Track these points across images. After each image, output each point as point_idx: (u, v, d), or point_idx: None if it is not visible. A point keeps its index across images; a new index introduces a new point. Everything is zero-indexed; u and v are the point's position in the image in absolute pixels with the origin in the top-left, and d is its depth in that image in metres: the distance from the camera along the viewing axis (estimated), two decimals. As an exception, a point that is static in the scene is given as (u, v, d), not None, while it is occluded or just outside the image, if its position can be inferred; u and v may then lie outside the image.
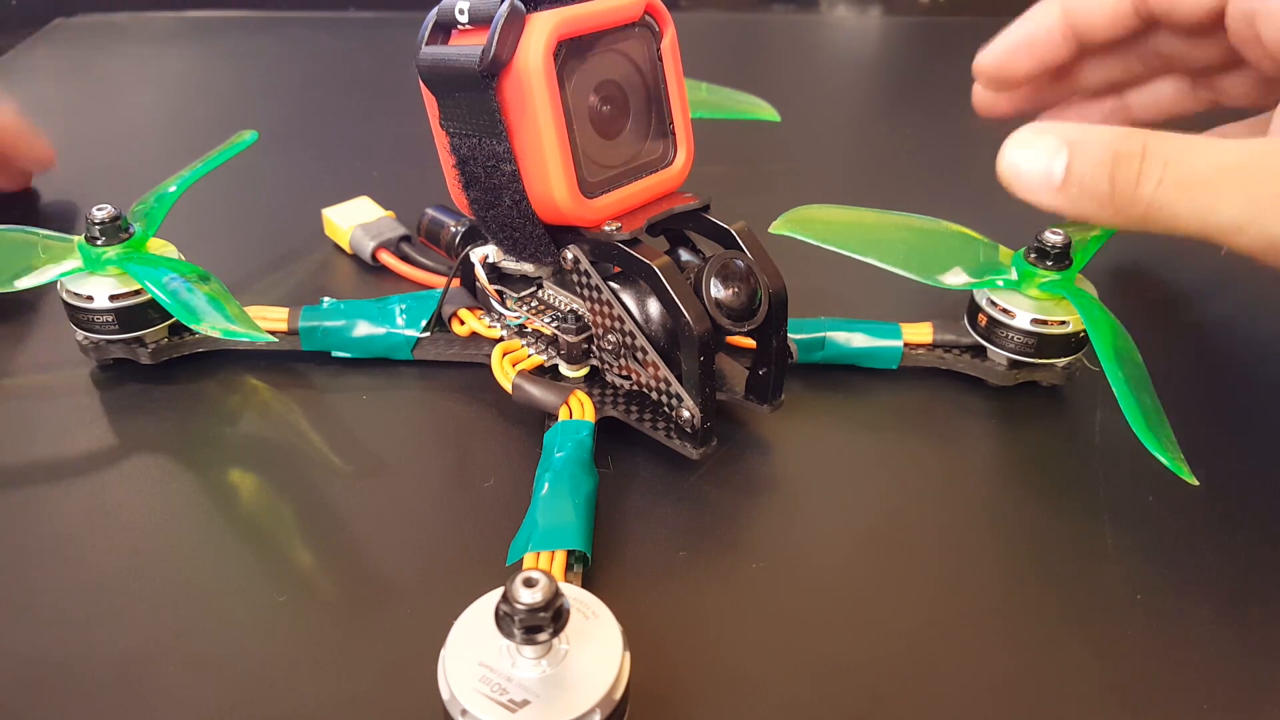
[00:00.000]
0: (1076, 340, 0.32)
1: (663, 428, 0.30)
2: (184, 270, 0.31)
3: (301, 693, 0.23)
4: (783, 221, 0.33)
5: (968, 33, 0.71)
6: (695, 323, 0.27)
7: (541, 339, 0.32)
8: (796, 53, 0.69)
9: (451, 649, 0.21)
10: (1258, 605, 0.26)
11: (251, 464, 0.30)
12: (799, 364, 0.34)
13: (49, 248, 0.32)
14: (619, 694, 0.21)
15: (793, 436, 0.32)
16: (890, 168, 0.52)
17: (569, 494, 0.27)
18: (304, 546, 0.28)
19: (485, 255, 0.33)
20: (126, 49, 0.65)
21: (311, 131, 0.54)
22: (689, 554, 0.27)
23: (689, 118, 0.30)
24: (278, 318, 0.34)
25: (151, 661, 0.24)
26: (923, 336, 0.34)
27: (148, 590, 0.26)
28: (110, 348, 0.33)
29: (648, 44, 0.29)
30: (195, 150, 0.38)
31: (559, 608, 0.20)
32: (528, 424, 0.32)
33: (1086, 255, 0.32)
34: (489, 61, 0.26)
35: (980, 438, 0.32)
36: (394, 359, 0.34)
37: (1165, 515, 0.29)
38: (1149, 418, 0.27)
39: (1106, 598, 0.26)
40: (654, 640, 0.25)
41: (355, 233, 0.40)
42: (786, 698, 0.24)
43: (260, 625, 0.25)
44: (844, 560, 0.28)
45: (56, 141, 0.46)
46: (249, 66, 0.63)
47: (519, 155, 0.28)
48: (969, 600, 0.26)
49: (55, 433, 0.31)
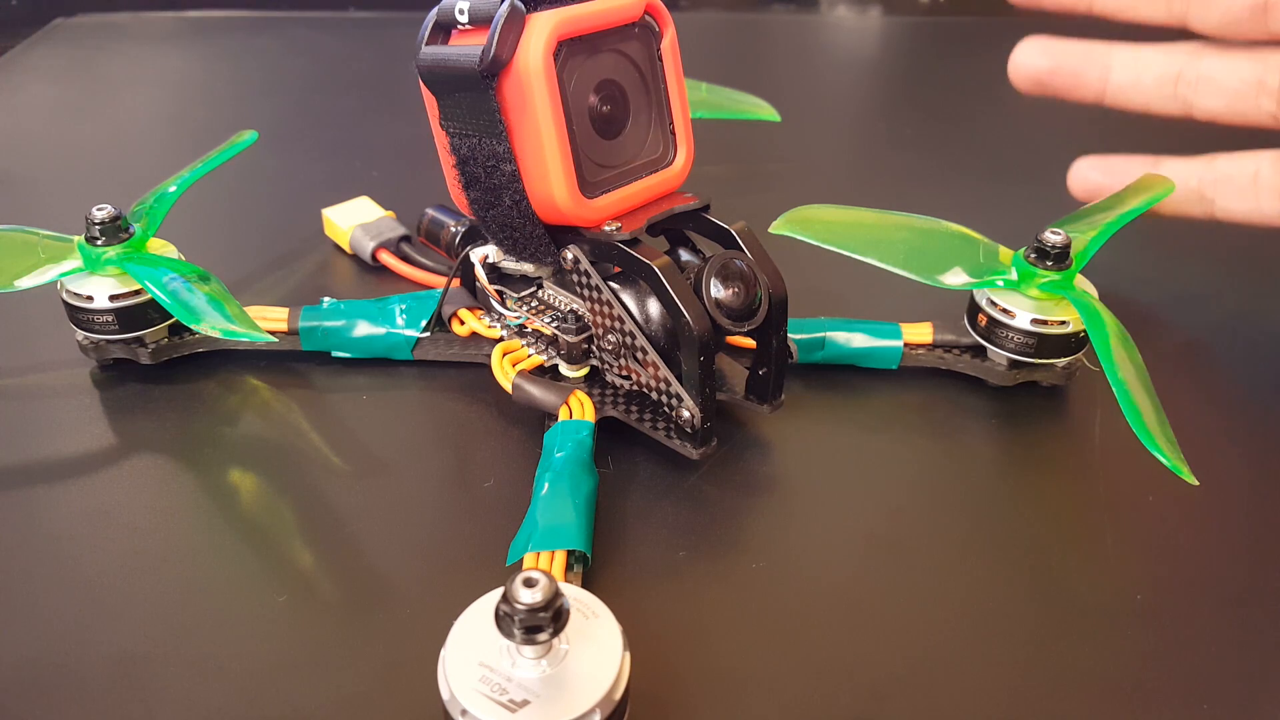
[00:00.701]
0: (1076, 340, 0.32)
1: (663, 428, 0.30)
2: (184, 270, 0.31)
3: (301, 693, 0.23)
4: (783, 221, 0.33)
5: (968, 33, 0.71)
6: (695, 323, 0.27)
7: (541, 339, 0.32)
8: (796, 53, 0.69)
9: (451, 649, 0.21)
10: (1258, 605, 0.26)
11: (251, 464, 0.30)
12: (799, 364, 0.34)
13: (49, 248, 0.32)
14: (619, 694, 0.21)
15: (793, 436, 0.32)
16: (890, 168, 0.52)
17: (569, 494, 0.27)
18: (304, 546, 0.28)
19: (485, 255, 0.33)
20: (126, 49, 0.65)
21: (311, 131, 0.54)
22: (689, 554, 0.27)
23: (689, 118, 0.30)
24: (278, 318, 0.34)
25: (151, 661, 0.24)
26: (923, 336, 0.34)
27: (148, 590, 0.26)
28: (110, 348, 0.33)
29: (648, 44, 0.29)
30: (195, 150, 0.38)
31: (559, 608, 0.20)
32: (528, 424, 0.32)
33: (1086, 255, 0.32)
34: (489, 61, 0.26)
35: (980, 438, 0.32)
36: (394, 359, 0.34)
37: (1165, 515, 0.29)
38: (1149, 418, 0.27)
39: (1106, 598, 0.26)
40: (654, 640, 0.25)
41: (355, 233, 0.40)
42: (786, 698, 0.24)
43: (260, 625, 0.25)
44: (844, 560, 0.28)
45: (57, 141, 0.46)
46: (249, 66, 0.63)
47: (519, 155, 0.28)
48: (969, 600, 0.26)
49: (55, 433, 0.31)
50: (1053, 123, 0.56)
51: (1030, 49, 0.41)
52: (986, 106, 0.58)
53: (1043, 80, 0.40)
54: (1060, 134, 0.54)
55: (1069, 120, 0.56)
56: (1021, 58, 0.41)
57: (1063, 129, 0.55)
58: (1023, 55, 0.41)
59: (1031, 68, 0.41)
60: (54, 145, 0.51)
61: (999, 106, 0.58)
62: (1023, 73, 0.41)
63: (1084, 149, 0.43)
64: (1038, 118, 0.57)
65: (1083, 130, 0.54)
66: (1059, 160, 0.51)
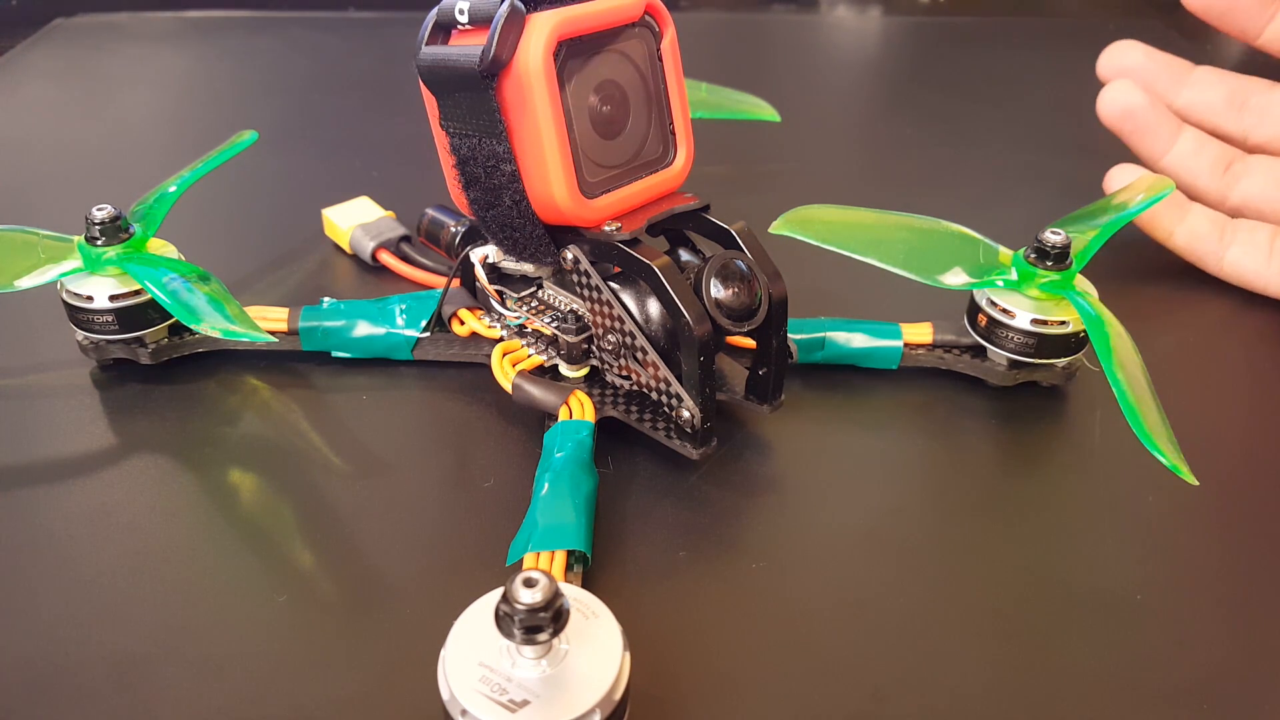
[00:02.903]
0: (1076, 340, 0.32)
1: (663, 428, 0.30)
2: (184, 270, 0.31)
3: (301, 693, 0.23)
4: (783, 221, 0.33)
5: (968, 33, 0.71)
6: (695, 323, 0.27)
7: (541, 339, 0.32)
8: (796, 53, 0.69)
9: (451, 649, 0.21)
10: (1258, 605, 0.26)
11: (251, 464, 0.30)
12: (799, 364, 0.34)
13: (49, 248, 0.32)
14: (619, 694, 0.21)
15: (793, 436, 0.32)
16: (890, 168, 0.52)
17: (569, 494, 0.27)
18: (304, 546, 0.28)
19: (485, 255, 0.33)
20: (126, 49, 0.65)
21: (311, 131, 0.54)
22: (689, 554, 0.27)
23: (689, 118, 0.30)
24: (278, 318, 0.34)
25: (151, 661, 0.24)
26: (923, 336, 0.34)
27: (148, 590, 0.26)
28: (110, 348, 0.33)
29: (648, 44, 0.29)
30: (195, 150, 0.38)
31: (559, 608, 0.20)
32: (528, 424, 0.32)
33: (1086, 255, 0.32)
34: (489, 62, 0.26)
35: (980, 438, 0.32)
36: (394, 359, 0.34)
37: (1165, 515, 0.29)
38: (1149, 418, 0.27)
39: (1106, 598, 0.26)
40: (654, 640, 0.25)
41: (355, 233, 0.40)
42: (786, 698, 0.24)
43: (260, 625, 0.25)
44: (844, 560, 0.28)
45: (56, 141, 0.46)
46: (249, 66, 0.63)
47: (519, 155, 0.28)
48: (969, 600, 0.26)
49: (55, 433, 0.31)
50: (1053, 123, 0.56)
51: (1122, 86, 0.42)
52: (986, 106, 0.58)
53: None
54: (1060, 134, 0.54)
55: (1069, 121, 0.56)
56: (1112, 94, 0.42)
57: (1063, 129, 0.55)
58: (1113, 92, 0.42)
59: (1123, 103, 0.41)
60: (54, 145, 0.51)
61: (999, 106, 0.58)
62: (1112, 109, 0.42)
63: (1084, 149, 0.43)
64: (1038, 118, 0.57)
65: (1083, 130, 0.54)
66: (1059, 160, 0.51)
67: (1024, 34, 0.71)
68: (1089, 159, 0.45)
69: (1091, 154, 0.46)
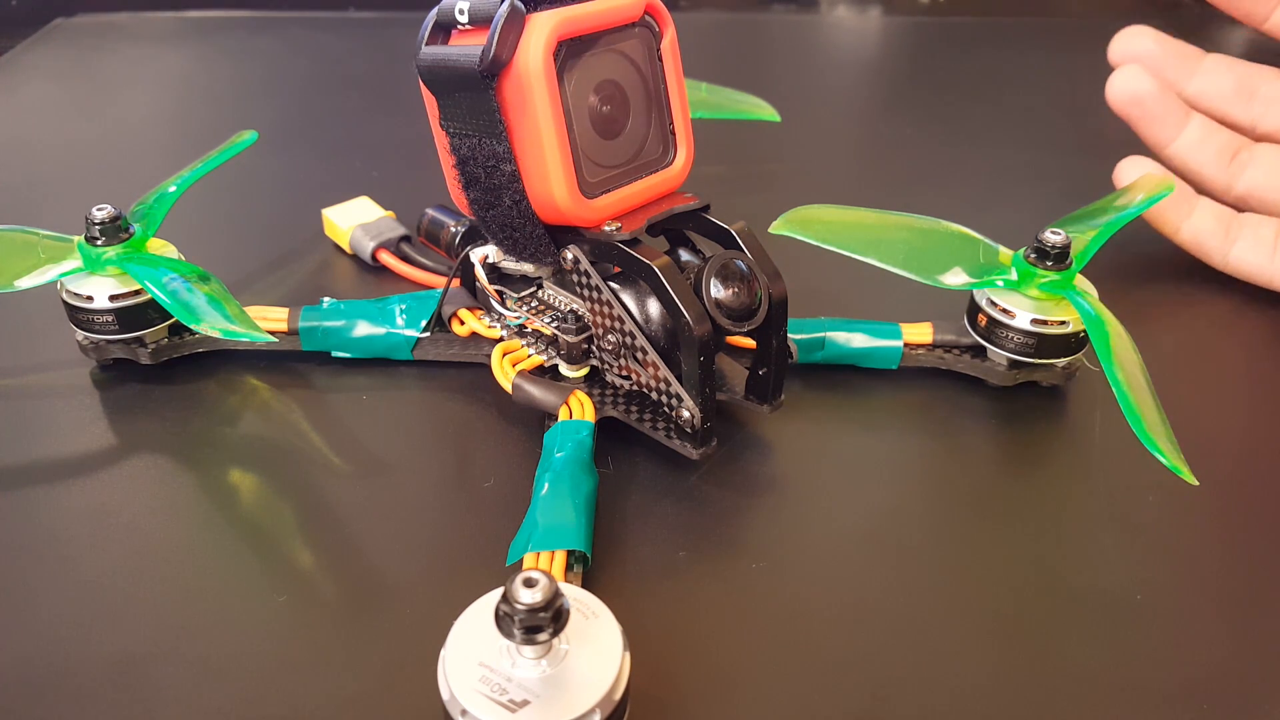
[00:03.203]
0: (1076, 340, 0.32)
1: (663, 428, 0.30)
2: (184, 270, 0.31)
3: (301, 693, 0.23)
4: (783, 221, 0.33)
5: (968, 33, 0.71)
6: (695, 323, 0.27)
7: (541, 339, 0.32)
8: (796, 53, 0.69)
9: (451, 649, 0.21)
10: (1258, 605, 0.26)
11: (251, 464, 0.30)
12: (799, 364, 0.34)
13: (49, 248, 0.32)
14: (619, 694, 0.21)
15: (793, 436, 0.32)
16: (890, 168, 0.52)
17: (569, 494, 0.27)
18: (304, 546, 0.28)
19: (485, 255, 0.33)
20: (126, 49, 0.65)
21: (311, 131, 0.54)
22: (689, 554, 0.27)
23: (689, 118, 0.30)
24: (278, 318, 0.34)
25: (151, 661, 0.24)
26: (923, 336, 0.34)
27: (148, 590, 0.26)
28: (110, 348, 0.33)
29: (648, 44, 0.29)
30: (195, 150, 0.38)
31: (559, 608, 0.20)
32: (528, 424, 0.32)
33: (1086, 255, 0.32)
34: (489, 62, 0.26)
35: (980, 438, 0.32)
36: (394, 359, 0.34)
37: (1165, 515, 0.29)
38: (1149, 418, 0.27)
39: (1106, 598, 0.26)
40: (654, 640, 0.25)
41: (355, 233, 0.40)
42: (786, 697, 0.24)
43: (260, 625, 0.25)
44: (844, 560, 0.28)
45: (57, 141, 0.46)
46: (249, 66, 0.63)
47: (519, 155, 0.28)
48: (969, 600, 0.26)
49: (55, 433, 0.31)
50: (1053, 123, 0.56)
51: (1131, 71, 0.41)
52: (986, 106, 0.58)
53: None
54: (1060, 134, 0.54)
55: (1069, 121, 0.56)
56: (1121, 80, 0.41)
57: (1063, 129, 0.55)
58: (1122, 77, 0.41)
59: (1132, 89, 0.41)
60: (54, 145, 0.51)
61: (999, 106, 0.58)
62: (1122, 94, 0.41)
63: (1084, 148, 0.43)
64: (1038, 118, 0.57)
65: (1083, 130, 0.54)
66: (1059, 160, 0.51)
67: (1024, 34, 0.71)
68: (1089, 159, 0.45)
69: (1092, 154, 0.46)
